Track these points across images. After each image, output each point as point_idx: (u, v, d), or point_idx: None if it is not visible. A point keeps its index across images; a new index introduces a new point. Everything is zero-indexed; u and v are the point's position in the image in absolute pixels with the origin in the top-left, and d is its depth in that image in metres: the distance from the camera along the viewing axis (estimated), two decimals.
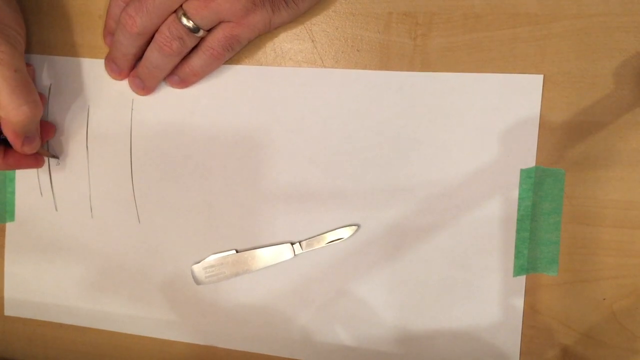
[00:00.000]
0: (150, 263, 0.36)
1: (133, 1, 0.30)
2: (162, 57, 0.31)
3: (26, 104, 0.30)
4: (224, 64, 0.33)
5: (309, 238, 0.33)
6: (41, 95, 0.35)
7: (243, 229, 0.34)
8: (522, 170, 0.31)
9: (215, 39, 0.31)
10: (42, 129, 0.34)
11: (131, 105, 0.35)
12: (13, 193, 0.38)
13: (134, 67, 0.34)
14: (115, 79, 0.35)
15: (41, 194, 0.37)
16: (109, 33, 0.34)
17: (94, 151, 0.36)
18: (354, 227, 0.33)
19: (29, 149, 0.32)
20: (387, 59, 0.32)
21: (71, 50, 0.36)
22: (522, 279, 0.31)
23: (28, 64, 0.35)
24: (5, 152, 0.33)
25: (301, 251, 0.33)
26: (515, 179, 0.31)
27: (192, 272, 0.35)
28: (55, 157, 0.36)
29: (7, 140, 0.32)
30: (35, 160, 0.35)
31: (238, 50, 0.32)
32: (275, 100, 0.33)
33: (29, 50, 0.36)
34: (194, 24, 0.30)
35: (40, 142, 0.33)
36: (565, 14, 0.29)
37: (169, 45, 0.30)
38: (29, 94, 0.30)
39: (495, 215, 0.31)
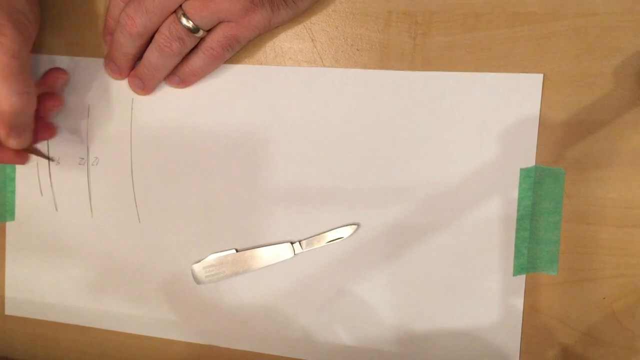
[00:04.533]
0: (150, 262, 0.36)
1: (132, 1, 0.30)
2: (162, 58, 0.31)
3: (16, 95, 0.28)
4: (224, 63, 0.33)
5: (309, 237, 0.33)
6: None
7: (243, 228, 0.34)
8: (521, 170, 0.31)
9: (215, 39, 0.31)
10: (41, 128, 0.33)
11: (131, 105, 0.35)
12: (13, 192, 0.38)
13: (134, 66, 0.34)
14: (115, 79, 0.35)
15: (41, 193, 0.38)
16: (109, 32, 0.34)
17: (94, 151, 0.36)
18: (354, 227, 0.33)
19: (15, 143, 0.30)
20: (386, 58, 0.32)
21: (71, 50, 0.36)
22: (522, 278, 0.31)
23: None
24: None
25: (301, 250, 0.33)
26: (515, 178, 0.31)
27: (192, 272, 0.35)
28: (50, 159, 0.35)
29: None
30: (18, 156, 0.32)
31: (238, 50, 0.32)
32: (275, 100, 0.33)
33: None
34: (194, 24, 0.30)
35: (30, 139, 0.31)
36: (565, 13, 0.29)
37: (169, 45, 0.30)
38: (23, 85, 0.29)
39: (494, 214, 0.31)
